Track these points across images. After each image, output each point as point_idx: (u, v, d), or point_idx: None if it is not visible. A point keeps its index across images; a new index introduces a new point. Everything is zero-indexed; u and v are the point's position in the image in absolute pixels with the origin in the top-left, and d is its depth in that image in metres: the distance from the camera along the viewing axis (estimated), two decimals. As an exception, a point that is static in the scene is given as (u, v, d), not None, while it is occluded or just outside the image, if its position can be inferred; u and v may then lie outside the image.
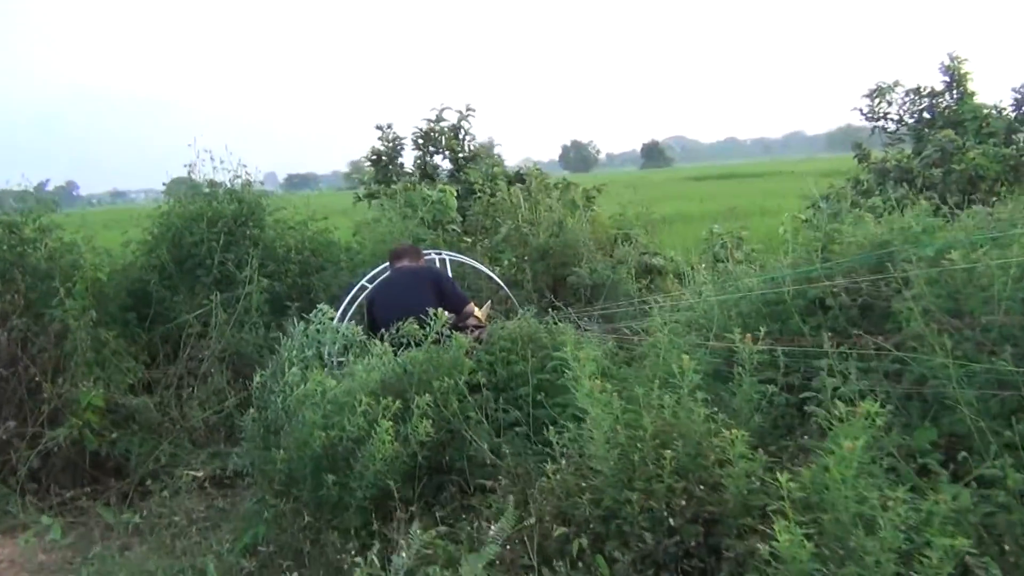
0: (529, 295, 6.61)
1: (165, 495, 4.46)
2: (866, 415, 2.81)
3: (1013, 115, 12.08)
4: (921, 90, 13.09)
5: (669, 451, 3.01)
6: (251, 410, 3.79)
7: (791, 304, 4.36)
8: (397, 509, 3.64)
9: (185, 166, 6.63)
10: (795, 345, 3.80)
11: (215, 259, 6.18)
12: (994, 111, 12.10)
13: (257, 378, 3.87)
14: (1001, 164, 11.08)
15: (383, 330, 4.29)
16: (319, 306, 4.08)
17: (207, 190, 6.59)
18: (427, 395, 3.73)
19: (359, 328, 4.16)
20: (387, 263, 5.85)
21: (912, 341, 3.71)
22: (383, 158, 11.67)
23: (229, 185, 6.63)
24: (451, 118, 11.17)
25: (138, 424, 5.26)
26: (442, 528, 3.31)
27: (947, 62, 12.58)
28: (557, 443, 3.30)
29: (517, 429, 3.98)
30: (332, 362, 4.42)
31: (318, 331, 4.01)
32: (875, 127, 13.48)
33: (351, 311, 5.64)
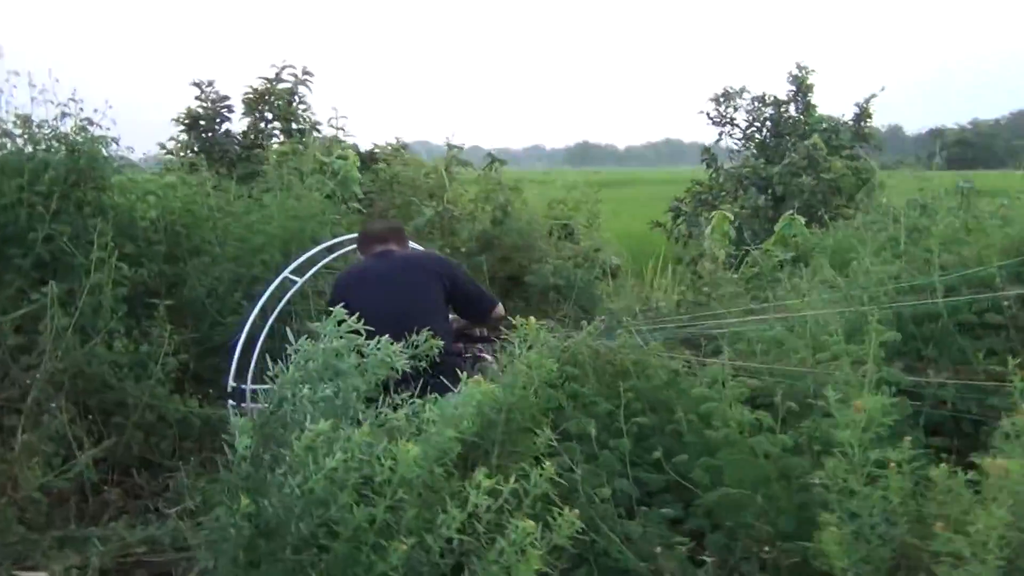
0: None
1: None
2: None
3: (854, 128, 12.34)
4: (766, 98, 13.10)
5: None
6: (244, 501, 2.07)
7: (947, 321, 3.35)
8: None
9: (-17, 92, 4.42)
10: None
11: (40, 233, 4.12)
12: (840, 123, 12.29)
13: (243, 442, 2.16)
14: (855, 175, 11.17)
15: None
16: (332, 308, 2.38)
17: (19, 131, 4.45)
18: (547, 464, 2.27)
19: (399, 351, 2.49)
20: (317, 249, 4.19)
21: None
22: (201, 122, 9.55)
23: (54, 126, 4.52)
24: (290, 80, 9.32)
25: (-72, 497, 3.20)
26: None
27: (795, 71, 12.64)
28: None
29: (646, 509, 2.61)
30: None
31: (338, 354, 2.36)
32: (721, 132, 13.36)
33: (272, 318, 3.93)
